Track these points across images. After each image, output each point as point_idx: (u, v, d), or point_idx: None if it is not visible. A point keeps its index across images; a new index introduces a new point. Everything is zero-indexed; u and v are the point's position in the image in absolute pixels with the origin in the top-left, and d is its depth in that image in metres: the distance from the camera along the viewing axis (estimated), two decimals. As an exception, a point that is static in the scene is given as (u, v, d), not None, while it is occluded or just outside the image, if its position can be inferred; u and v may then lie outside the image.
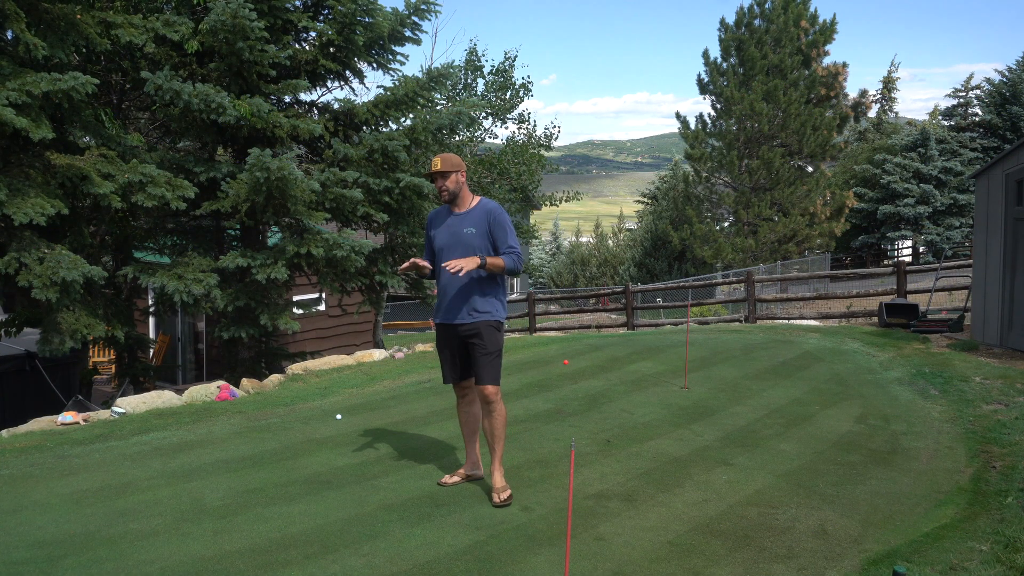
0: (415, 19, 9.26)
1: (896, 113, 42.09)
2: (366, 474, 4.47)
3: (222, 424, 5.73)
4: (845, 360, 7.79)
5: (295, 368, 7.58)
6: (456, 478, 4.25)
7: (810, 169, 25.63)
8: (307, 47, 9.22)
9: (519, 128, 22.85)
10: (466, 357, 4.08)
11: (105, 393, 11.43)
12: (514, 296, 22.52)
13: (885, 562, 3.30)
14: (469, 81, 21.34)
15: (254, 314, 8.32)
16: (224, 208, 7.95)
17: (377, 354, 8.34)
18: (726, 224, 26.76)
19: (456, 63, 21.01)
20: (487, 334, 3.98)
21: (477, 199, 4.09)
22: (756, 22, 25.24)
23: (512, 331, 15.51)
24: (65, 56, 7.18)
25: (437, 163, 4.02)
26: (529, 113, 22.80)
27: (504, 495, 3.96)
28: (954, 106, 35.29)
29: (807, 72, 24.76)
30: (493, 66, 21.63)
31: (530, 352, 8.78)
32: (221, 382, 6.91)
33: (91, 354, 11.86)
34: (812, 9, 25.13)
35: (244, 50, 7.83)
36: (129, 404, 6.19)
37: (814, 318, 11.97)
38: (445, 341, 4.12)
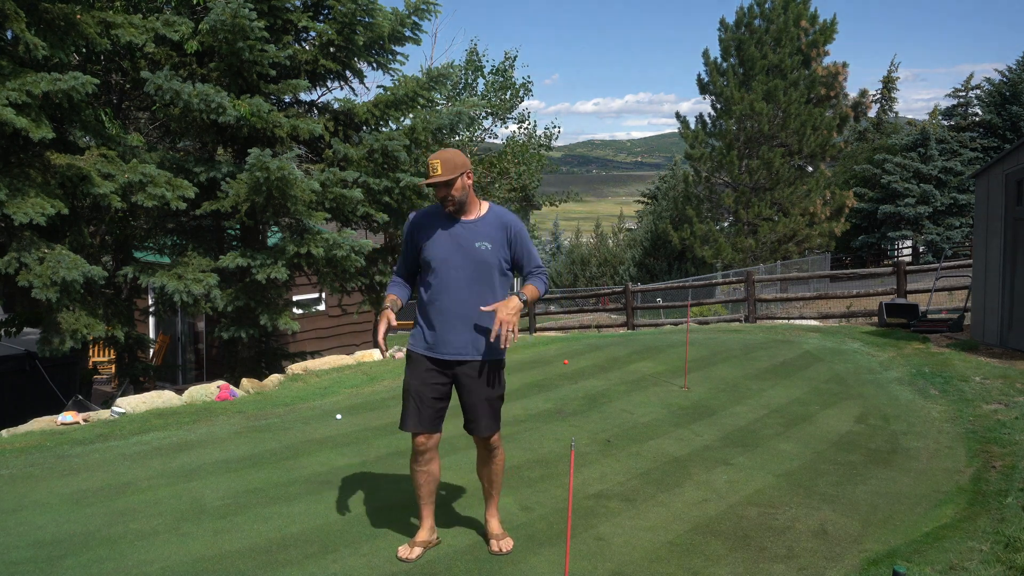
0: (415, 19, 9.27)
1: (896, 113, 42.04)
2: (366, 474, 4.47)
3: (222, 424, 5.73)
4: (845, 360, 7.79)
5: (295, 368, 7.57)
6: (418, 550, 3.40)
7: (810, 169, 25.63)
8: (307, 47, 9.22)
9: (519, 128, 22.92)
10: (445, 400, 3.33)
11: (105, 393, 11.43)
12: (514, 296, 22.48)
13: (885, 562, 3.30)
14: (469, 81, 21.41)
15: (254, 314, 8.32)
16: (224, 208, 7.96)
17: (377, 354, 8.33)
18: (726, 224, 26.75)
19: (456, 63, 21.09)
20: (496, 373, 3.30)
21: (486, 205, 3.37)
22: (756, 22, 25.24)
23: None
24: (65, 56, 7.18)
25: (437, 167, 3.17)
26: (529, 113, 22.87)
27: (506, 545, 3.44)
28: (954, 106, 35.28)
29: (807, 72, 24.76)
30: (493, 66, 21.72)
31: (530, 352, 8.78)
32: (221, 382, 6.90)
33: (91, 354, 11.85)
34: (812, 9, 25.13)
35: (244, 50, 7.83)
36: (129, 404, 6.19)
37: (814, 318, 11.96)
38: (426, 378, 3.26)
